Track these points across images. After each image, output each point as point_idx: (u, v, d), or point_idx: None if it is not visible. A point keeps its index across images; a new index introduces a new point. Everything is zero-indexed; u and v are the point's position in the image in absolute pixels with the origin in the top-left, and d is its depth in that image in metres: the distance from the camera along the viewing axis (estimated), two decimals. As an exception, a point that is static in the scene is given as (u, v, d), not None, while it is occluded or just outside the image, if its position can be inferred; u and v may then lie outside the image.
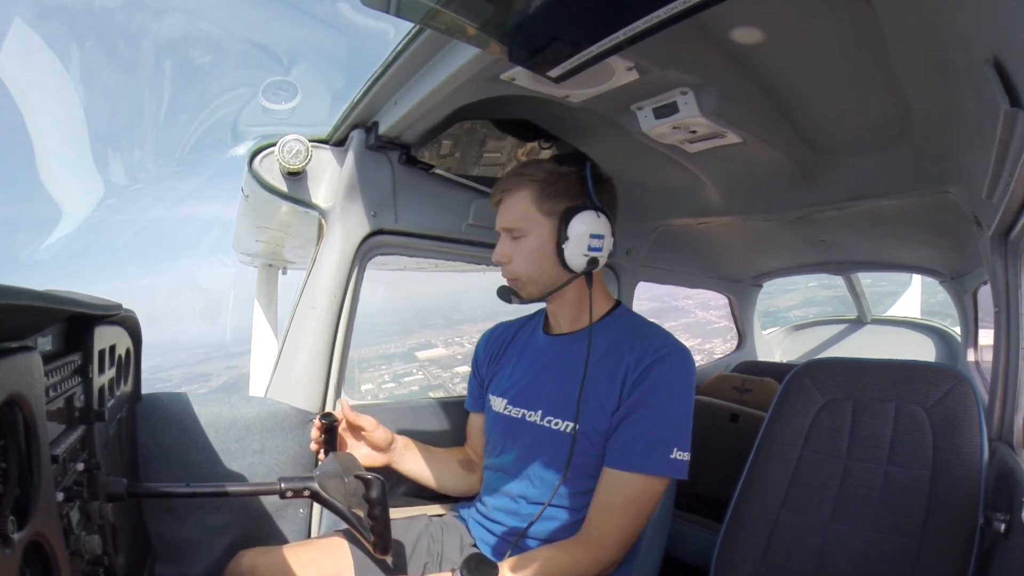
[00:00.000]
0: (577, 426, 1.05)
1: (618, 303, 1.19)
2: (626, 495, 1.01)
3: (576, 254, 1.04)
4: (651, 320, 1.16)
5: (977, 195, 1.01)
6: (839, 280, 3.20)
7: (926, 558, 1.04)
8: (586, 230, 1.03)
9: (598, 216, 1.04)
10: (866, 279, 3.29)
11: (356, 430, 1.17)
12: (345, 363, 1.37)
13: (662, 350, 1.04)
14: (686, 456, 1.01)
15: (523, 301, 1.12)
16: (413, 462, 1.25)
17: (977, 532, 1.01)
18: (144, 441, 1.11)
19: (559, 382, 1.11)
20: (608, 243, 1.06)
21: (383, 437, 1.17)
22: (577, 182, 1.07)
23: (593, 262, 1.05)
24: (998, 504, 0.98)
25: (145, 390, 1.13)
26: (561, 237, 1.04)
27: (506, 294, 1.13)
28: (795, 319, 3.78)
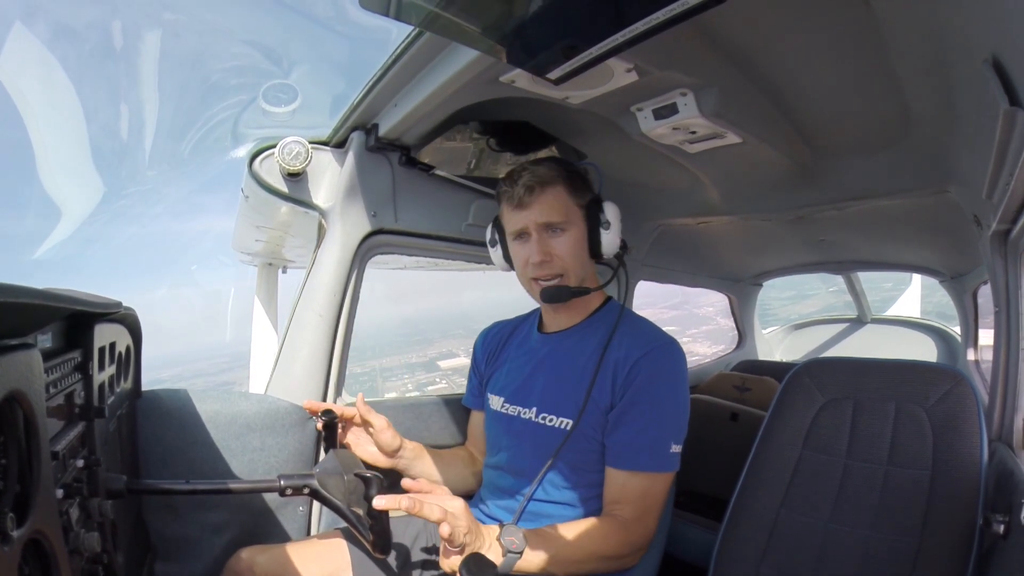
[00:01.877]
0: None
1: (608, 298, 1.20)
2: (635, 490, 1.02)
3: (614, 240, 1.10)
4: (672, 326, 1.18)
5: (977, 195, 1.00)
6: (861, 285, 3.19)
7: (925, 558, 1.04)
8: (616, 215, 1.11)
9: (613, 204, 1.12)
10: (886, 282, 3.27)
11: (365, 426, 1.16)
12: (345, 361, 1.37)
13: (650, 344, 1.05)
14: (679, 449, 1.04)
15: (573, 296, 1.11)
16: (422, 470, 1.24)
17: (976, 533, 1.01)
18: (144, 438, 1.11)
19: (552, 379, 1.12)
20: None
21: (390, 441, 1.15)
22: (584, 176, 1.13)
23: (624, 246, 1.11)
24: (997, 505, 0.98)
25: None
26: (598, 225, 1.10)
27: (559, 294, 1.09)
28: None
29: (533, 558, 0.92)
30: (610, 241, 1.10)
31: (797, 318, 3.78)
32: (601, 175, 1.13)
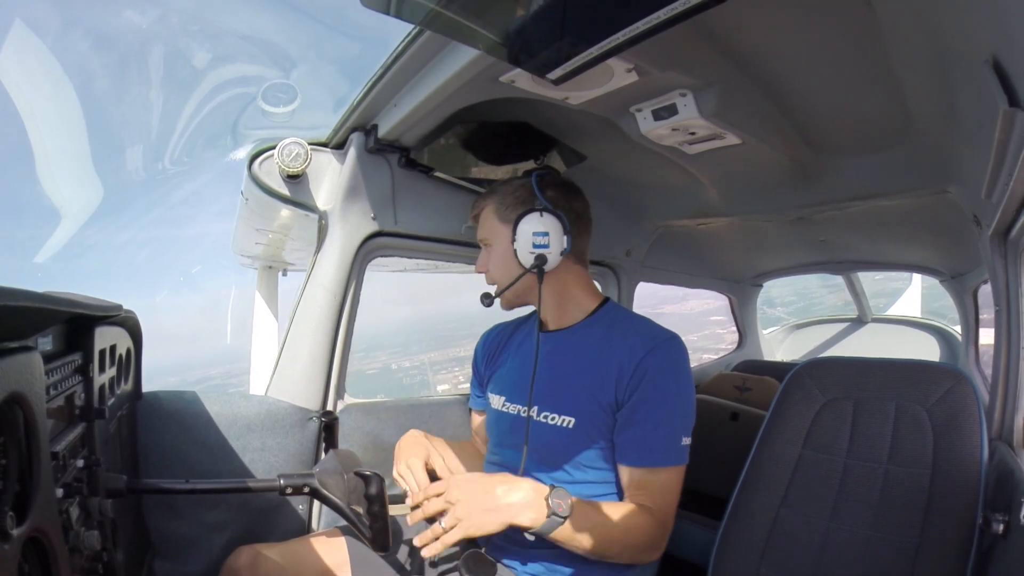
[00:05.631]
0: (533, 410, 1.12)
1: (606, 299, 1.21)
2: (654, 486, 1.03)
3: (524, 252, 1.11)
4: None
5: (977, 195, 1.00)
6: (883, 284, 3.18)
7: (925, 557, 1.04)
8: (528, 229, 1.11)
9: (541, 216, 1.11)
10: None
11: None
12: (345, 363, 1.37)
13: (653, 341, 1.06)
14: (689, 441, 1.05)
15: (494, 302, 1.17)
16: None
17: (976, 532, 1.01)
18: (144, 439, 1.11)
19: (553, 377, 1.12)
20: (557, 240, 1.11)
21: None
22: (529, 189, 1.14)
23: (540, 258, 1.10)
24: (997, 504, 0.98)
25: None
26: (513, 240, 1.12)
27: (484, 299, 1.18)
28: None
29: (571, 526, 0.92)
30: (522, 253, 1.11)
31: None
32: (535, 186, 1.13)
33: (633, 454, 1.04)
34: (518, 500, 0.90)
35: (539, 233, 1.10)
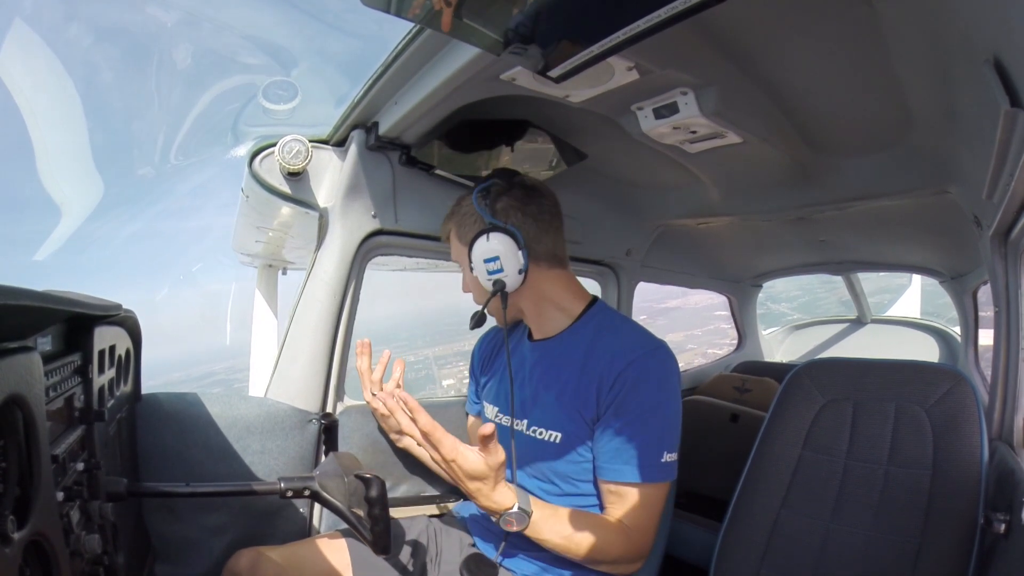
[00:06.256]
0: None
1: (594, 300, 1.16)
2: (629, 502, 1.00)
3: (483, 279, 1.08)
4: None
5: (977, 195, 1.00)
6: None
7: (926, 558, 1.04)
8: (480, 255, 1.06)
9: (488, 239, 1.05)
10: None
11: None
12: (345, 363, 1.37)
13: (635, 352, 1.01)
14: (674, 457, 1.01)
15: (478, 324, 1.15)
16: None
17: (977, 532, 1.01)
18: (144, 441, 1.11)
19: (541, 390, 1.11)
20: (511, 259, 1.04)
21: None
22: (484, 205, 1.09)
23: (498, 283, 1.06)
24: (998, 504, 0.98)
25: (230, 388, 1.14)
26: (470, 267, 1.09)
27: (471, 322, 1.15)
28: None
29: (532, 534, 0.94)
30: (482, 280, 1.07)
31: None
32: (476, 206, 1.08)
33: (607, 468, 1.00)
34: (484, 504, 0.92)
35: (490, 259, 1.05)
